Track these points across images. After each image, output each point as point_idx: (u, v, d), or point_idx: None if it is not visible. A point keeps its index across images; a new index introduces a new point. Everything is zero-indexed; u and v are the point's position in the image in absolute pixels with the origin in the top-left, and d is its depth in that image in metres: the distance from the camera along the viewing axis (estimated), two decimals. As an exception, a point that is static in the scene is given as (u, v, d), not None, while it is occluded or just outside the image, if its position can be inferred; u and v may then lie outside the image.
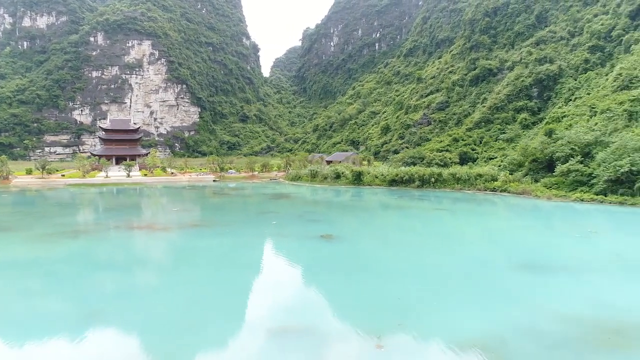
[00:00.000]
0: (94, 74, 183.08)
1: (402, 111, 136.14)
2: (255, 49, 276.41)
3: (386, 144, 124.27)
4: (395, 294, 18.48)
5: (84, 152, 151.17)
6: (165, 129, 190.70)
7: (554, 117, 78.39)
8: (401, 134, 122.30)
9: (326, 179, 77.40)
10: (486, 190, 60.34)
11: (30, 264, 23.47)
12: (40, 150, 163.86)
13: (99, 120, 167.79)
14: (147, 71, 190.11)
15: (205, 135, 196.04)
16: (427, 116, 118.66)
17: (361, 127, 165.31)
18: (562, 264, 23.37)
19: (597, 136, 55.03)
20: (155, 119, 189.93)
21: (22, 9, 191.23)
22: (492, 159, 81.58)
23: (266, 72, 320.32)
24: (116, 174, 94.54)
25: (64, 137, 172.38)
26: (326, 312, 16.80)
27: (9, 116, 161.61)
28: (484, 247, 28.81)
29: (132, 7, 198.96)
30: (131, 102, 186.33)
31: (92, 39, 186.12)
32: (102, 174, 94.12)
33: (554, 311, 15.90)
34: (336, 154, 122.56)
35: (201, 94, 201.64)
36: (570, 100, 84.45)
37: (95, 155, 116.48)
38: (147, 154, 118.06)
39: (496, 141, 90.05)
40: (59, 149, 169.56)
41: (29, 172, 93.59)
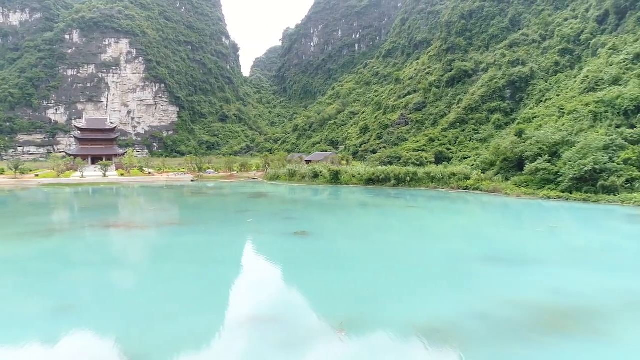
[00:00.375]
0: (70, 73, 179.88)
1: (381, 111, 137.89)
2: (235, 48, 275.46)
3: (365, 144, 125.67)
4: (362, 285, 19.32)
5: (59, 152, 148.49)
6: (143, 128, 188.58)
7: (525, 118, 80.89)
8: (379, 134, 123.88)
9: (304, 178, 78.15)
10: (459, 188, 62.04)
11: (0, 262, 23.49)
12: (13, 150, 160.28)
13: (75, 119, 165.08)
14: (125, 70, 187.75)
15: (184, 135, 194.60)
16: (405, 116, 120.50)
17: (340, 127, 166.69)
18: (522, 256, 24.66)
19: (564, 136, 57.15)
20: (132, 119, 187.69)
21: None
22: (466, 158, 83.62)
23: (246, 72, 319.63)
24: (92, 173, 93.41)
25: (38, 137, 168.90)
26: (294, 303, 17.54)
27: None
28: (453, 242, 29.95)
29: (109, 5, 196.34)
30: (108, 102, 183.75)
31: (67, 37, 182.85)
32: (78, 173, 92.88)
33: (507, 298, 17.00)
34: (315, 153, 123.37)
35: (180, 94, 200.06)
36: (541, 101, 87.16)
37: (70, 155, 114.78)
38: (124, 153, 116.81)
39: (470, 141, 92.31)
40: (33, 149, 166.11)
41: (1, 172, 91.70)
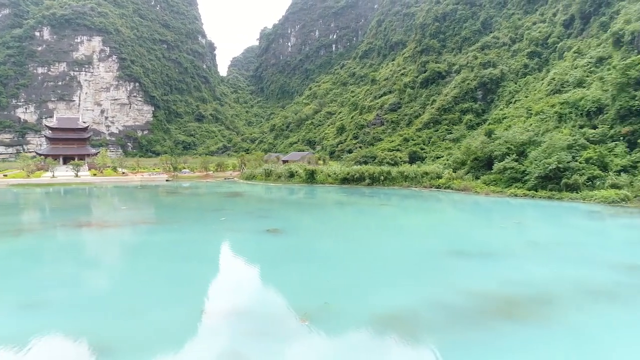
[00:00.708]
0: (40, 70, 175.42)
1: (357, 112, 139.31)
2: (211, 47, 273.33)
3: (341, 144, 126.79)
4: (329, 279, 19.99)
5: (29, 152, 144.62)
6: (117, 128, 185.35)
7: (496, 119, 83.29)
8: (355, 134, 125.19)
9: (280, 177, 78.54)
10: (431, 187, 63.50)
11: (-32, 260, 23.26)
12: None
13: (45, 118, 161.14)
14: (98, 68, 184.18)
15: (159, 134, 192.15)
16: (380, 117, 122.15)
17: (317, 127, 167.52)
18: (485, 250, 25.76)
19: (531, 136, 59.26)
20: (106, 118, 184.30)
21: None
22: (439, 157, 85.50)
23: (223, 71, 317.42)
24: (63, 173, 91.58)
25: (6, 136, 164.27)
26: (261, 296, 18.07)
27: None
28: (422, 238, 30.94)
29: (81, 2, 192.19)
30: (80, 100, 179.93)
31: (37, 34, 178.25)
32: (49, 174, 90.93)
33: (465, 288, 17.92)
34: (292, 153, 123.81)
35: (155, 93, 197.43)
36: (510, 102, 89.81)
37: (40, 154, 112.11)
38: (97, 153, 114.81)
39: (443, 141, 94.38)
40: (2, 149, 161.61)
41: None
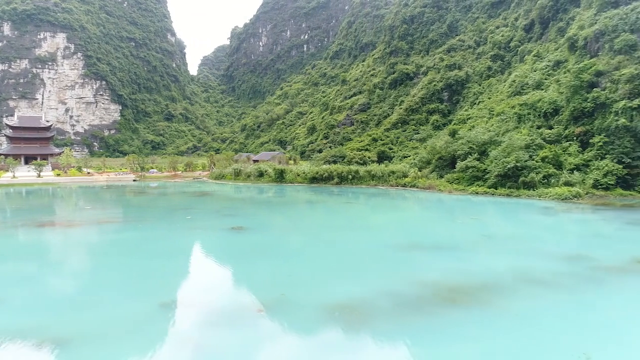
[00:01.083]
0: (0, 67, 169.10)
1: (328, 112, 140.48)
2: (181, 46, 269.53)
3: (312, 144, 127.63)
4: (288, 272, 20.67)
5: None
6: (82, 127, 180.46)
7: (461, 119, 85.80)
8: (326, 133, 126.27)
9: (249, 177, 78.67)
10: (398, 185, 65.07)
11: None
12: None
13: (6, 117, 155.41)
14: (62, 66, 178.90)
15: (127, 134, 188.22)
16: (350, 117, 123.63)
17: (289, 127, 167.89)
18: (441, 244, 26.99)
19: (492, 136, 61.56)
20: (71, 117, 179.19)
21: None
22: (407, 157, 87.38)
23: (194, 70, 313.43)
24: (25, 174, 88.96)
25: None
26: (222, 289, 18.58)
27: None
28: (384, 233, 31.96)
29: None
30: (43, 99, 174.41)
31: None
32: (9, 174, 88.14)
33: (417, 279, 18.94)
34: (263, 153, 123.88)
35: (122, 91, 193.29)
36: (475, 103, 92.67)
37: (0, 154, 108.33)
38: (61, 153, 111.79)
39: (410, 141, 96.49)
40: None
41: None
